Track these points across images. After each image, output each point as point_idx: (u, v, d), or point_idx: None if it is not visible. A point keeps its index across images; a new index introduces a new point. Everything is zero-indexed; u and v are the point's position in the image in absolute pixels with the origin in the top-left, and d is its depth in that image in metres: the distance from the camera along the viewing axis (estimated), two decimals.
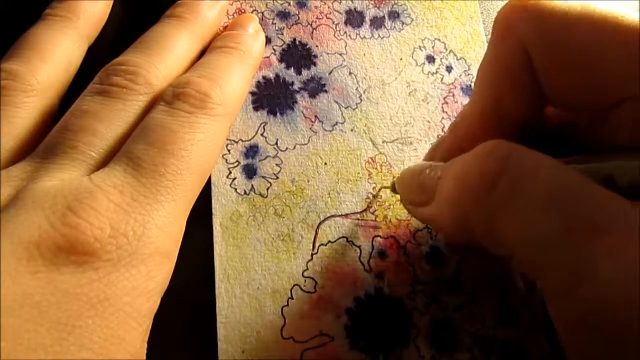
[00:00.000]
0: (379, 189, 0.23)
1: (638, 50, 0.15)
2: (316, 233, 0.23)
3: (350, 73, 0.26)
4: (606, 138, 0.17)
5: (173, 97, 0.20)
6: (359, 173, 0.24)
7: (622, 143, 0.16)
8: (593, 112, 0.17)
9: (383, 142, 0.25)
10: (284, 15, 0.26)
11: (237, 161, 0.24)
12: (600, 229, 0.13)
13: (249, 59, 0.23)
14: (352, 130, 0.25)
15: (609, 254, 0.13)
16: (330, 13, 0.27)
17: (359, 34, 0.27)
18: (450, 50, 0.27)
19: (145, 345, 0.18)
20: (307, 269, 0.22)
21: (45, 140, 0.19)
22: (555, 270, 0.14)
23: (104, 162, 0.19)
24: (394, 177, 0.23)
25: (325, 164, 0.24)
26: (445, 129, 0.25)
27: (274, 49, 0.26)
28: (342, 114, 0.25)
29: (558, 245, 0.14)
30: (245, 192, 0.23)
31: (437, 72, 0.26)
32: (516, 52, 0.17)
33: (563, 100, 0.18)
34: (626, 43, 0.15)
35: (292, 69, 0.26)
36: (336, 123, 0.25)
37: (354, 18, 0.27)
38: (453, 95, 0.26)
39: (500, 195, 0.15)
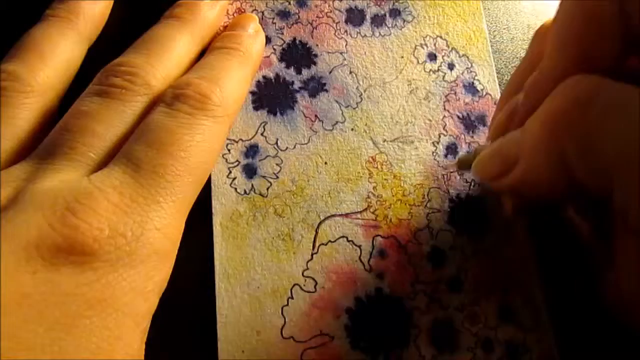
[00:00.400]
0: (448, 172, 0.23)
1: None
2: (316, 233, 0.23)
3: (350, 72, 0.26)
4: None
5: (173, 98, 0.20)
6: (359, 172, 0.24)
7: None
8: None
9: (384, 141, 0.24)
10: (284, 14, 0.26)
11: (237, 161, 0.23)
12: None
13: (249, 59, 0.23)
14: (352, 129, 0.25)
15: None
16: (331, 12, 0.27)
17: (360, 33, 0.26)
18: (453, 48, 0.26)
19: (144, 345, 0.18)
20: (307, 268, 0.22)
21: (45, 141, 0.19)
22: None
23: (103, 163, 0.19)
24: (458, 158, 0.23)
25: (326, 163, 0.24)
26: (447, 128, 0.25)
27: (274, 49, 0.26)
28: (342, 113, 0.25)
29: None
30: (245, 192, 0.23)
31: (438, 70, 0.26)
32: (611, 12, 0.16)
33: None
34: None
35: (292, 69, 0.25)
36: (336, 122, 0.25)
37: (354, 16, 0.27)
38: (455, 93, 0.26)
39: (597, 115, 0.15)
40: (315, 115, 0.25)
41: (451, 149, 0.24)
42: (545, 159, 0.16)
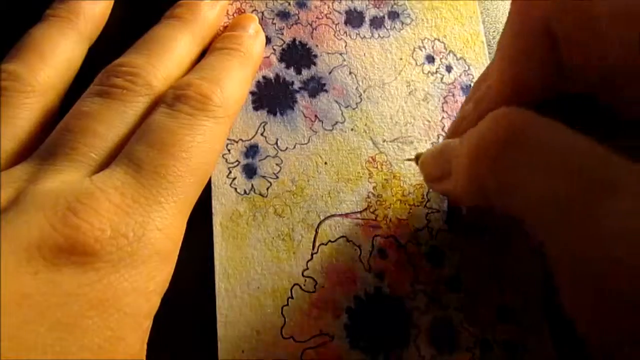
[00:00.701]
0: (404, 160, 0.24)
1: None
2: (316, 232, 0.23)
3: (350, 73, 0.26)
4: (625, 114, 0.17)
5: (174, 99, 0.20)
6: (359, 172, 0.24)
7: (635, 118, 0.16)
8: (610, 87, 0.17)
9: (383, 142, 0.25)
10: (284, 15, 0.26)
11: (237, 161, 0.24)
12: (608, 190, 0.13)
13: (249, 60, 0.23)
14: (352, 129, 0.25)
15: (616, 214, 0.13)
16: (330, 13, 0.27)
17: (359, 34, 0.27)
18: (450, 50, 0.27)
19: (146, 345, 0.18)
20: (307, 268, 0.22)
21: (46, 142, 0.19)
22: (563, 231, 0.14)
23: (105, 164, 0.19)
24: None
25: (326, 163, 0.24)
26: (446, 129, 0.25)
27: (274, 49, 0.26)
28: (342, 113, 0.25)
29: (567, 205, 0.14)
30: (245, 192, 0.23)
31: (437, 71, 0.26)
32: (538, 26, 0.17)
33: (583, 75, 0.17)
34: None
35: (292, 69, 0.26)
36: (336, 122, 0.25)
37: (353, 18, 0.27)
38: (453, 95, 0.26)
39: (512, 157, 0.15)
40: (315, 116, 0.25)
41: None
42: (467, 184, 0.17)
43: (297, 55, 0.26)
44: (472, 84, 0.26)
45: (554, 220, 0.14)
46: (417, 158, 0.22)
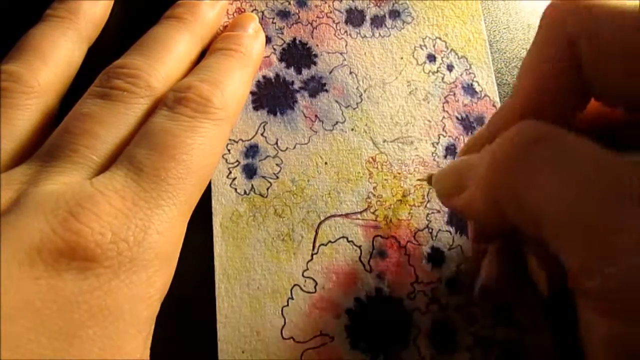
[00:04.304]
0: (415, 182, 0.24)
1: None
2: (316, 233, 0.23)
3: (350, 72, 0.26)
4: None
5: (174, 101, 0.20)
6: (359, 172, 0.24)
7: None
8: (635, 108, 0.17)
9: (384, 142, 0.24)
10: (284, 14, 0.26)
11: (237, 161, 0.24)
12: (626, 203, 0.13)
13: (250, 60, 0.23)
14: (352, 129, 0.25)
15: (636, 227, 0.13)
16: (331, 12, 0.27)
17: (360, 33, 0.26)
18: (452, 49, 0.27)
19: (148, 350, 0.18)
20: (307, 269, 0.22)
21: (47, 143, 0.19)
22: (581, 245, 0.14)
23: (105, 166, 0.19)
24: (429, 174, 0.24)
25: (326, 163, 0.24)
26: (446, 128, 0.25)
27: (274, 49, 0.26)
28: (342, 113, 0.25)
29: (584, 218, 0.14)
30: (245, 192, 0.23)
31: (438, 71, 0.26)
32: (563, 46, 0.17)
33: (608, 96, 0.17)
34: None
35: (292, 69, 0.25)
36: (336, 122, 0.25)
37: (354, 17, 0.27)
38: (454, 94, 0.26)
39: (532, 166, 0.15)
40: (315, 116, 0.25)
41: (450, 150, 0.25)
42: (483, 197, 0.17)
43: (298, 54, 0.26)
44: (473, 83, 0.26)
45: (571, 234, 0.14)
46: (429, 178, 0.22)
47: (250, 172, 0.23)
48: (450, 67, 0.26)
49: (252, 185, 0.23)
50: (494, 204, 0.16)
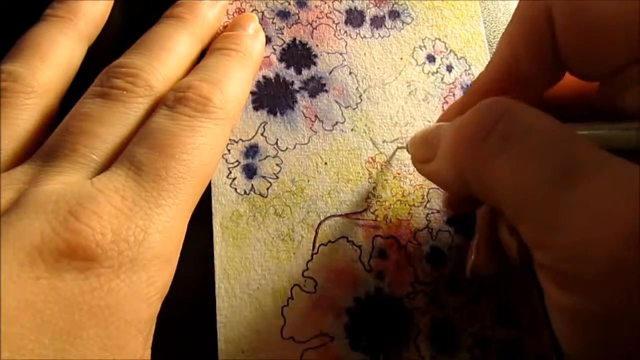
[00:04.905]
0: (395, 150, 0.24)
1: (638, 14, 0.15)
2: (316, 233, 0.23)
3: (350, 73, 0.26)
4: (617, 105, 0.17)
5: (175, 101, 0.20)
6: (359, 173, 0.24)
7: (630, 110, 0.17)
8: (604, 77, 0.18)
9: (383, 142, 0.25)
10: (284, 14, 0.26)
11: (237, 161, 0.24)
12: (576, 179, 0.14)
13: (249, 60, 0.23)
14: (352, 130, 0.25)
15: (583, 203, 0.14)
16: (331, 12, 0.27)
17: (360, 34, 0.26)
18: (451, 50, 0.27)
19: (149, 350, 0.17)
20: (307, 269, 0.22)
21: (47, 143, 0.19)
22: (534, 219, 0.15)
23: (105, 165, 0.19)
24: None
25: (326, 163, 0.24)
26: None
27: (274, 49, 0.26)
28: (342, 113, 0.25)
29: (538, 194, 0.14)
30: (245, 192, 0.23)
31: (437, 71, 0.26)
32: (540, 16, 0.17)
33: (579, 65, 0.18)
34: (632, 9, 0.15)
35: (292, 69, 0.25)
36: (336, 123, 0.25)
37: (354, 17, 0.27)
38: (454, 95, 0.26)
39: (492, 145, 0.16)
40: (315, 116, 0.25)
41: None
42: (450, 168, 0.18)
43: (297, 55, 0.26)
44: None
45: (526, 208, 0.15)
46: (407, 147, 0.22)
47: (250, 172, 0.23)
48: (449, 68, 0.26)
49: (252, 185, 0.23)
50: (459, 175, 0.17)
